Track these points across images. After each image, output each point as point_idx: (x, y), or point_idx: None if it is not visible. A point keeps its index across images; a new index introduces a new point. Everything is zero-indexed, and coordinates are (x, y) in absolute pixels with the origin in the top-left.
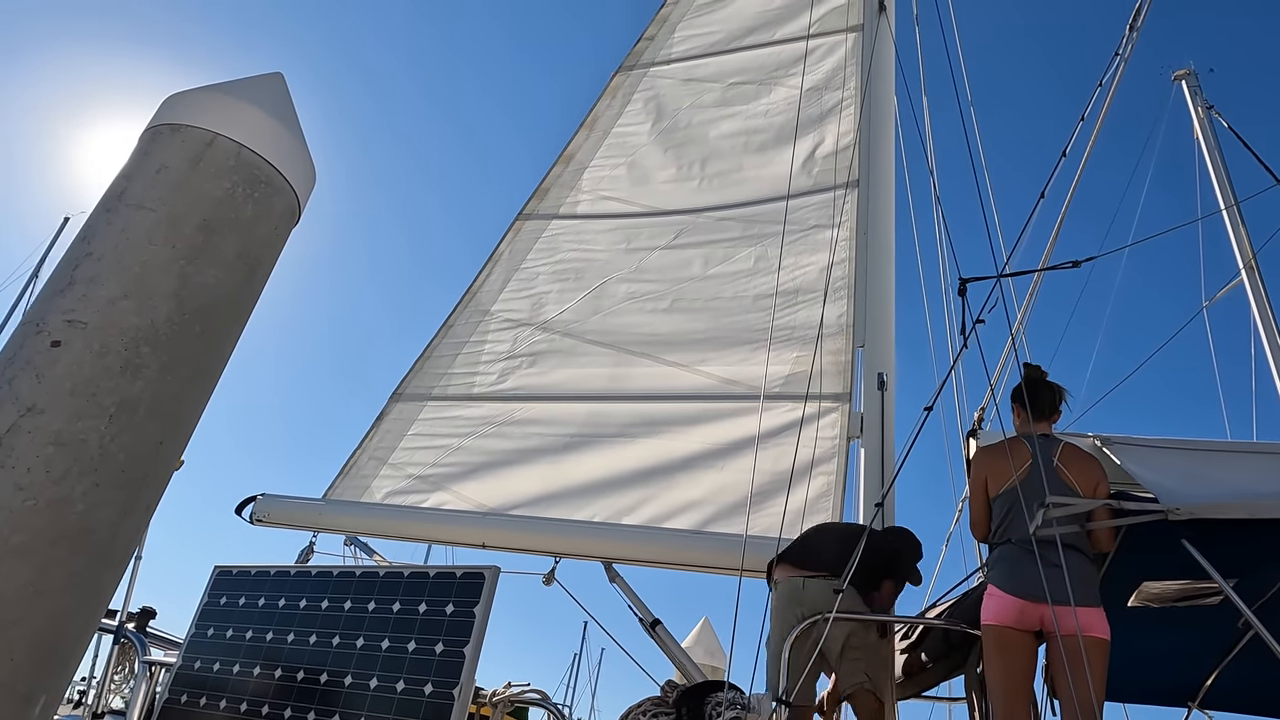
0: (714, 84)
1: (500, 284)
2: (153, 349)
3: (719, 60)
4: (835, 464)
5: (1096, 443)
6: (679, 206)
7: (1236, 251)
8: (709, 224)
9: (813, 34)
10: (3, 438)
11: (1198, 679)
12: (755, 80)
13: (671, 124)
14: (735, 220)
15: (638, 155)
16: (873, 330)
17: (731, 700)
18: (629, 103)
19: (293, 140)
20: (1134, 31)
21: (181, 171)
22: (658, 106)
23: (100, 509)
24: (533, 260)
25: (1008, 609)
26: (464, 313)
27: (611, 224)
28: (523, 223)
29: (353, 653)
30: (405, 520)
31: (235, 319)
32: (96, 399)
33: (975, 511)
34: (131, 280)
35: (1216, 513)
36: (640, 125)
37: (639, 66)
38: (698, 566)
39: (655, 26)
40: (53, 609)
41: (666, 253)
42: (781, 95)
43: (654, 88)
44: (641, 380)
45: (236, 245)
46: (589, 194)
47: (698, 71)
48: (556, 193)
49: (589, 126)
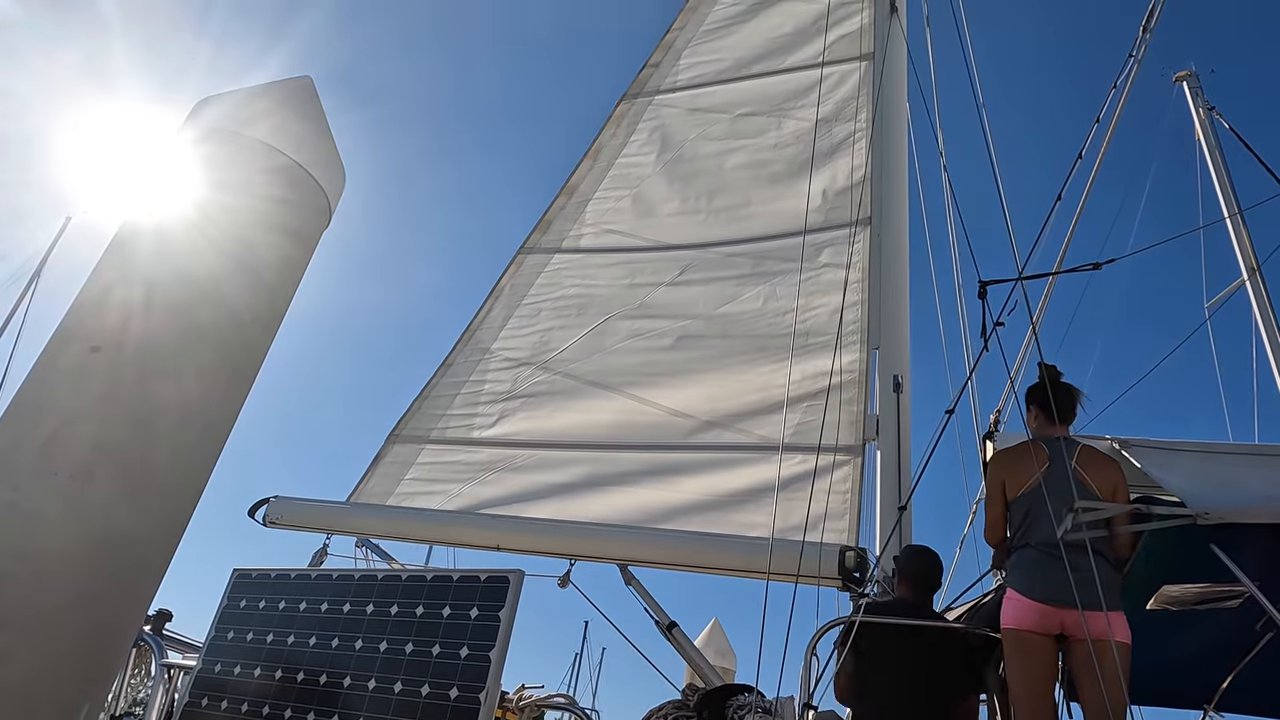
0: (721, 114)
1: (501, 320)
2: (190, 354)
3: (726, 89)
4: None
5: (1114, 445)
6: (685, 241)
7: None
8: (716, 260)
9: (824, 62)
10: (44, 445)
11: (1214, 682)
12: (764, 111)
13: (677, 155)
14: (744, 256)
15: (643, 187)
16: (888, 333)
17: (754, 704)
18: (634, 132)
19: (323, 143)
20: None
21: (215, 174)
22: (663, 137)
23: (140, 516)
24: (534, 296)
25: (1029, 613)
26: (464, 350)
27: (615, 258)
28: (525, 256)
29: (376, 657)
30: (420, 522)
31: (269, 322)
32: (135, 406)
33: (991, 515)
34: (170, 284)
35: (1246, 517)
36: (645, 156)
37: (644, 94)
38: (721, 569)
39: (660, 53)
40: (95, 617)
41: (671, 289)
42: (791, 128)
43: (659, 117)
44: (644, 430)
45: (270, 248)
46: (592, 227)
47: (704, 100)
48: (559, 225)
49: (592, 156)
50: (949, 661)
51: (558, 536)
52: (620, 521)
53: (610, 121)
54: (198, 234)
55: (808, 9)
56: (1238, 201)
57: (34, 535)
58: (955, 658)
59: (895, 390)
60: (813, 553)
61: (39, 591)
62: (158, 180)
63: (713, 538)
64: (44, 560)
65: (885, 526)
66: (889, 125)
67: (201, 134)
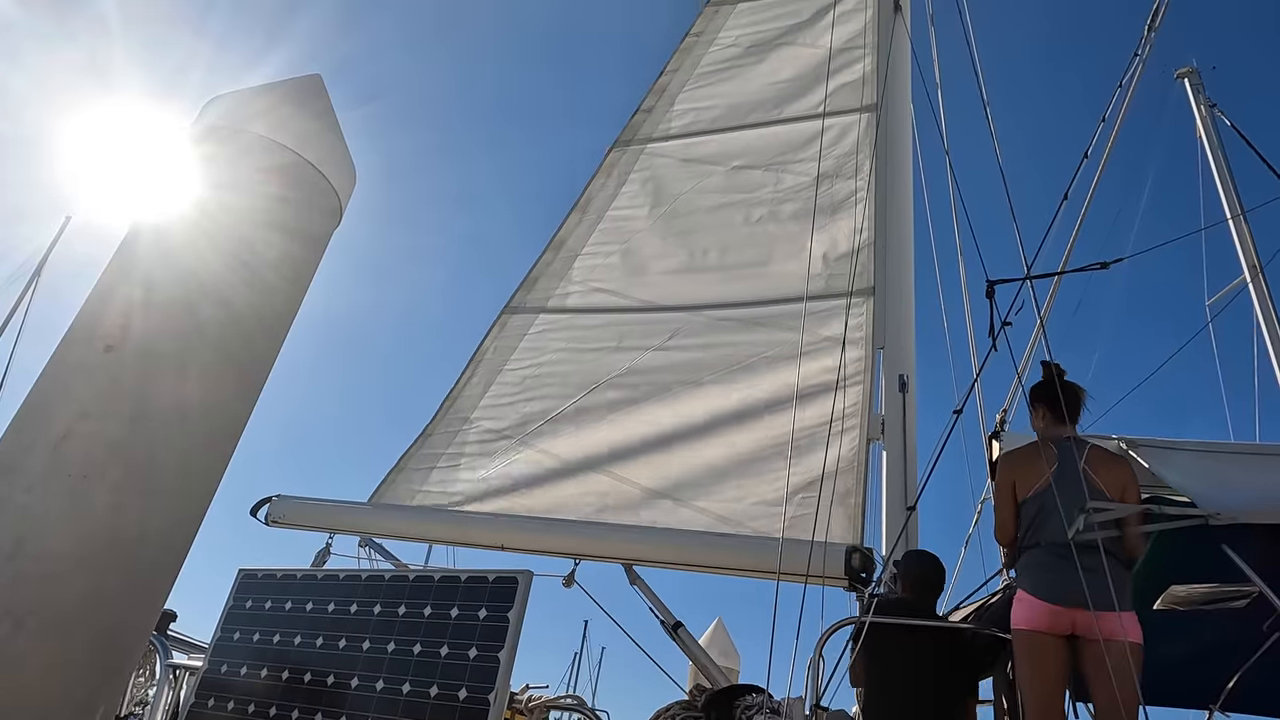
0: (716, 166)
1: (482, 388)
2: (201, 355)
3: (722, 138)
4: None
5: (1122, 445)
6: (675, 302)
7: (1241, 254)
8: (707, 323)
9: (825, 113)
10: (57, 446)
11: (1219, 681)
12: (760, 164)
13: (670, 210)
14: (736, 321)
15: (633, 243)
16: (893, 331)
17: (761, 705)
18: (625, 183)
19: (334, 142)
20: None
21: (226, 174)
22: (655, 189)
23: (153, 517)
24: (518, 361)
25: (1040, 614)
26: (444, 420)
27: (603, 319)
28: (509, 317)
29: (383, 657)
30: (423, 521)
31: (281, 322)
32: (148, 406)
33: (1001, 515)
34: (180, 284)
35: (1257, 518)
36: (637, 209)
37: (635, 142)
38: (729, 569)
39: (653, 97)
40: (109, 618)
41: (659, 354)
42: (789, 183)
43: (652, 167)
44: (627, 515)
45: (281, 248)
46: (579, 285)
47: (699, 150)
48: (546, 283)
49: (581, 209)
50: (951, 662)
51: (563, 536)
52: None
53: (600, 171)
54: (202, 233)
55: (809, 54)
56: (1240, 201)
57: (48, 536)
58: (958, 659)
59: (900, 390)
60: (820, 553)
61: (54, 592)
62: (168, 179)
63: (720, 537)
64: (58, 561)
65: (892, 526)
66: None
67: (213, 132)
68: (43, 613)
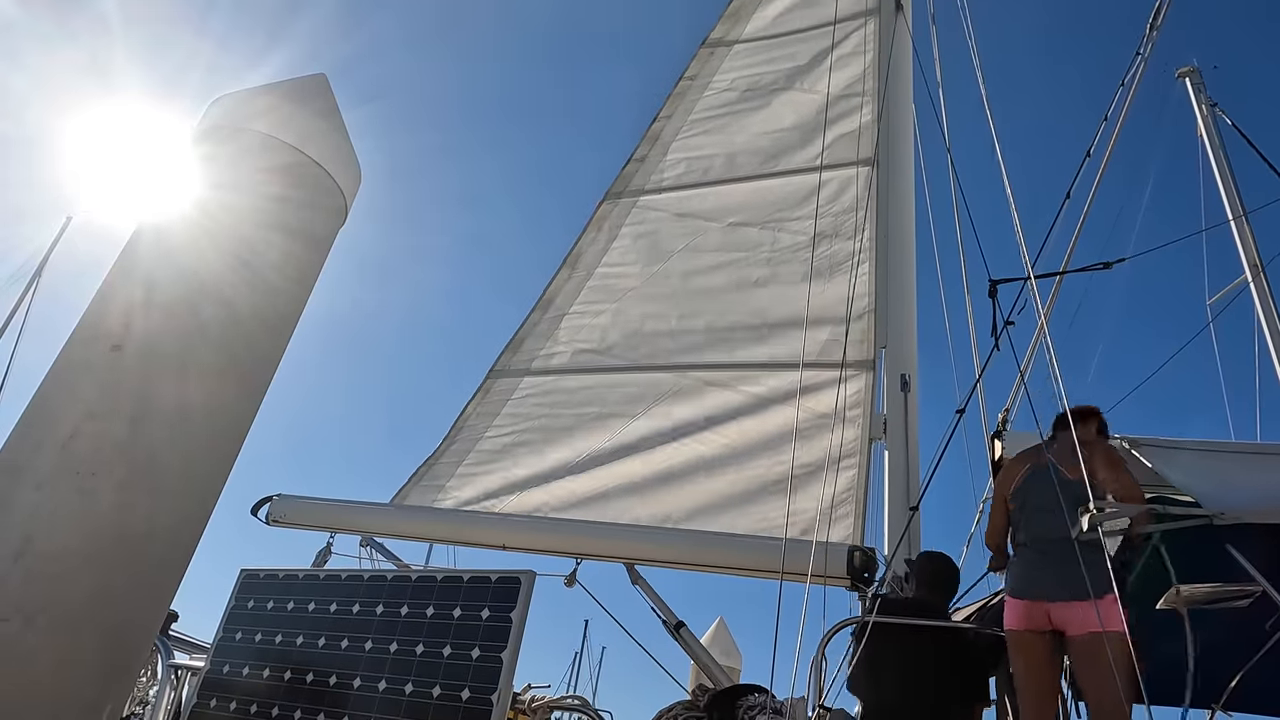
0: (711, 222)
1: (457, 458)
2: (207, 355)
3: (717, 191)
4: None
5: (1125, 444)
6: (664, 363)
7: (1242, 254)
8: (695, 386)
9: (823, 165)
10: (66, 444)
11: (1222, 681)
12: (757, 221)
13: (663, 269)
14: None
15: (623, 302)
16: (894, 332)
17: (764, 704)
18: (616, 237)
19: (339, 140)
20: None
21: (232, 174)
22: (647, 245)
23: (161, 515)
24: (498, 430)
25: (1019, 612)
26: (415, 489)
27: (589, 380)
28: (493, 381)
29: (386, 658)
30: (424, 521)
31: (285, 322)
32: (155, 405)
33: (991, 520)
34: (185, 284)
35: (1262, 517)
36: (628, 267)
37: (627, 194)
38: (731, 569)
39: (646, 145)
40: (117, 616)
41: (647, 420)
42: (786, 242)
43: (644, 221)
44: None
45: (286, 247)
46: (565, 345)
47: (693, 204)
48: (532, 344)
49: (571, 265)
50: (954, 664)
51: (565, 535)
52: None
53: (591, 224)
54: (210, 233)
55: (808, 100)
56: (1241, 201)
57: (56, 534)
58: (960, 661)
59: (903, 390)
60: (822, 553)
61: (62, 590)
62: (173, 179)
63: (723, 537)
64: (66, 559)
65: (894, 527)
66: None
67: (219, 131)
68: (52, 610)
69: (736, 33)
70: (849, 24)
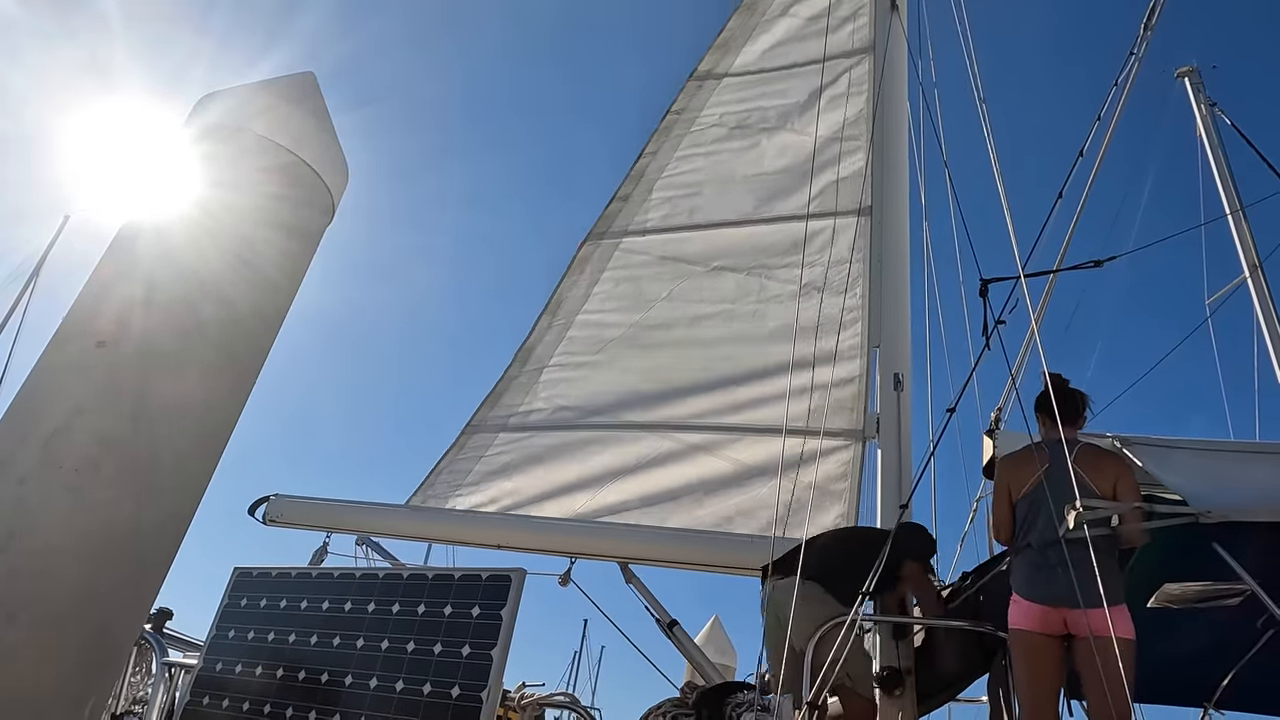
0: (696, 266)
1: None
2: (197, 350)
3: (703, 235)
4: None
5: (1116, 443)
6: (647, 420)
7: (1240, 252)
8: (677, 448)
9: (813, 214)
10: (49, 439)
11: (1214, 679)
12: (744, 268)
13: (644, 318)
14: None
15: (605, 353)
16: (888, 330)
17: (752, 702)
18: (598, 282)
19: (328, 141)
20: (1149, 30)
21: (219, 171)
22: (630, 292)
23: (145, 512)
24: (470, 489)
25: (1031, 615)
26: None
27: (564, 437)
28: (468, 437)
29: (377, 655)
30: (420, 521)
31: (272, 319)
32: (139, 401)
33: (997, 516)
34: (174, 280)
35: (1248, 515)
36: (610, 314)
37: (610, 234)
38: (723, 567)
39: (630, 184)
40: (100, 613)
41: (626, 484)
42: (774, 291)
43: (627, 265)
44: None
45: (280, 245)
46: (544, 399)
47: (677, 249)
48: (510, 397)
49: (552, 311)
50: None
51: (559, 535)
52: None
53: (573, 268)
54: (199, 231)
55: (797, 141)
56: (1239, 198)
57: (40, 529)
58: None
59: (896, 388)
60: None
61: (46, 586)
62: (160, 177)
63: (714, 536)
64: (50, 555)
65: (885, 524)
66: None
67: (204, 130)
68: (35, 607)
69: (726, 65)
70: (840, 61)
